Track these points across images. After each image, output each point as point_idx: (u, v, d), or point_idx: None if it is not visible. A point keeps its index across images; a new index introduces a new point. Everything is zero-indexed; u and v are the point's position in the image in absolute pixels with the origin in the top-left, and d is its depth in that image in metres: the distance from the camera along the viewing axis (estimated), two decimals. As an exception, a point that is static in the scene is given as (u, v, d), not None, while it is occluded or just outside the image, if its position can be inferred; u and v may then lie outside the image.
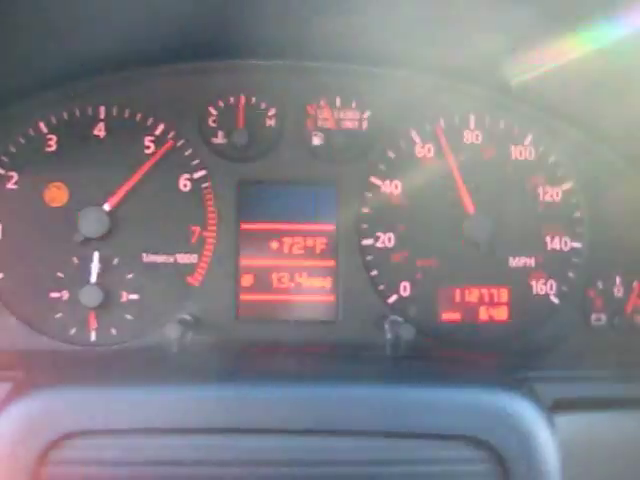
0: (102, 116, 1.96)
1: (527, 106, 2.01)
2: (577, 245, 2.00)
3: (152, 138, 1.96)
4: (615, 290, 1.99)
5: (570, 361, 1.84)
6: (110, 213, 1.91)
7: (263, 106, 2.00)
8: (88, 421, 1.26)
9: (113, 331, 1.91)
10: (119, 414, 1.27)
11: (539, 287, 1.99)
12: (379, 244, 1.97)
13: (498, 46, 1.74)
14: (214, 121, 1.99)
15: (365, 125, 2.01)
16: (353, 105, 2.01)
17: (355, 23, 1.74)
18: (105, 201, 1.92)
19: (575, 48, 1.58)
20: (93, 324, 1.91)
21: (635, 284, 2.00)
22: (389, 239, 1.97)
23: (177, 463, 1.26)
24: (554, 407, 1.40)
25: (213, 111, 1.99)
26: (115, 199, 1.92)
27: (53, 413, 1.26)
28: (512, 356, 1.90)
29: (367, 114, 2.01)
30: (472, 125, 2.02)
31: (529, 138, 2.02)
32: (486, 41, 1.74)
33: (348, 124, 2.01)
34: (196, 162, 1.97)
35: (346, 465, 1.28)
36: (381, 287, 1.96)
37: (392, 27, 1.75)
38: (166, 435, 1.27)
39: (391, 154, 2.00)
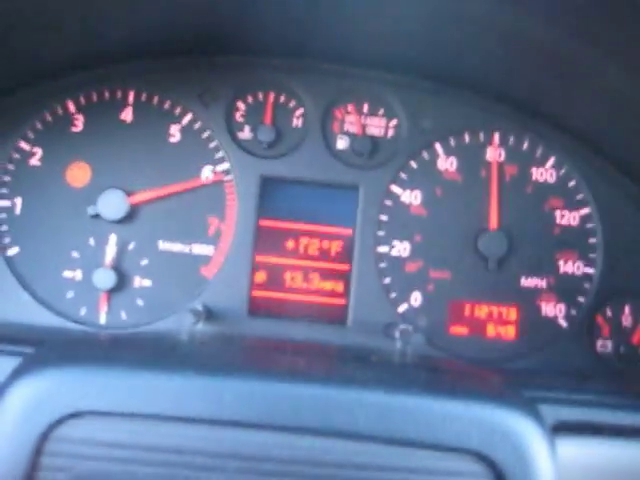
0: (131, 101, 1.98)
1: (551, 129, 2.03)
2: (590, 271, 2.01)
3: (178, 127, 1.97)
4: (623, 319, 2.00)
5: (574, 385, 1.84)
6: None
7: (291, 105, 2.01)
8: (93, 401, 1.26)
9: (123, 315, 1.92)
10: (125, 397, 1.27)
11: (548, 309, 2.00)
12: (394, 252, 1.98)
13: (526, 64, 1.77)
14: (241, 116, 2.00)
15: (390, 133, 2.02)
16: (380, 112, 2.03)
17: (386, 30, 1.76)
18: (132, 194, 1.93)
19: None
20: (104, 307, 1.92)
21: (644, 314, 2.01)
22: (404, 248, 1.98)
23: (178, 451, 1.26)
24: (556, 429, 1.40)
25: (241, 106, 2.00)
26: (143, 196, 1.94)
27: (60, 391, 1.25)
28: (518, 374, 1.90)
29: (393, 122, 2.02)
30: (496, 142, 2.03)
31: (551, 161, 2.03)
32: (515, 58, 1.76)
33: (374, 131, 2.02)
34: (220, 155, 1.98)
35: (343, 468, 1.28)
36: (393, 295, 1.97)
37: (420, 36, 1.77)
38: (169, 422, 1.27)
39: (413, 164, 2.01)
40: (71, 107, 1.96)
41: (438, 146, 2.02)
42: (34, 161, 1.94)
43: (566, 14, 1.46)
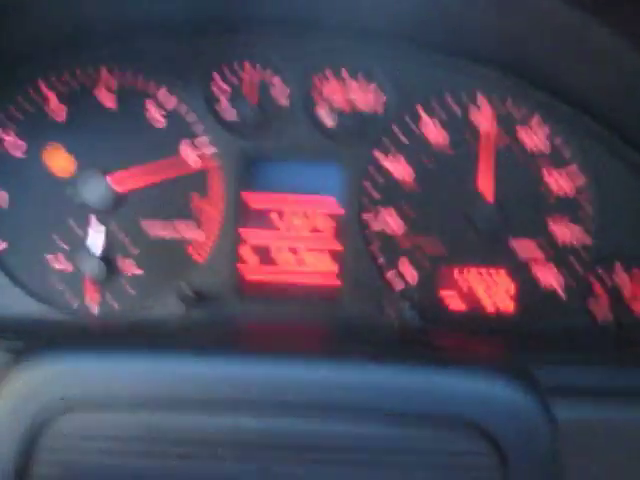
0: (110, 84, 1.94)
1: (542, 95, 1.97)
2: (587, 239, 1.96)
3: (162, 111, 1.94)
4: (622, 284, 1.97)
5: (573, 354, 1.83)
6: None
7: (274, 81, 1.96)
8: (86, 392, 1.26)
9: (115, 304, 1.92)
10: (119, 387, 1.27)
11: (545, 278, 1.97)
12: (387, 230, 1.95)
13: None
14: (221, 91, 1.96)
15: (374, 103, 1.97)
16: (360, 79, 1.97)
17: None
18: (114, 177, 1.92)
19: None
20: (95, 297, 1.91)
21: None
22: (398, 225, 1.95)
23: (175, 439, 1.26)
24: (554, 394, 1.38)
25: (221, 83, 1.96)
26: (125, 176, 1.92)
27: (52, 384, 1.26)
28: (515, 345, 1.88)
29: (373, 88, 1.97)
30: (479, 103, 1.97)
31: (546, 130, 1.97)
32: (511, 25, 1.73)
33: (356, 100, 1.97)
34: (202, 134, 1.94)
35: (342, 447, 1.28)
36: (387, 272, 1.95)
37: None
38: (165, 410, 1.27)
39: (397, 130, 1.97)
40: (51, 96, 1.93)
41: (420, 109, 1.97)
42: (17, 153, 1.92)
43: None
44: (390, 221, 1.96)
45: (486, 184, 1.95)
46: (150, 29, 1.93)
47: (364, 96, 1.98)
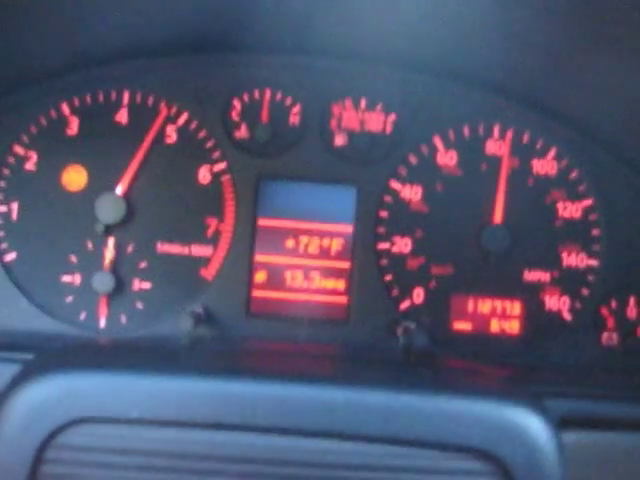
0: (125, 102, 1.95)
1: (551, 120, 2.00)
2: (593, 263, 1.98)
3: (174, 127, 1.95)
4: (628, 311, 1.98)
5: (580, 379, 1.83)
6: (128, 200, 1.90)
7: (288, 102, 1.99)
8: (94, 408, 1.25)
9: (123, 319, 1.91)
10: (126, 403, 1.26)
11: (552, 302, 1.98)
12: (395, 249, 1.96)
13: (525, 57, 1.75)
14: (238, 114, 1.98)
15: (389, 128, 2.00)
16: (378, 107, 2.00)
17: (378, 24, 1.74)
18: (120, 184, 1.91)
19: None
20: (103, 311, 1.90)
21: (650, 306, 1.99)
22: (405, 244, 1.96)
23: (179, 456, 1.25)
24: (562, 424, 1.38)
25: (237, 104, 1.98)
26: (126, 181, 1.92)
27: (60, 398, 1.25)
28: (523, 370, 1.88)
29: (392, 117, 2.00)
30: (496, 135, 2.00)
31: (552, 152, 2.00)
32: (514, 52, 1.74)
33: (372, 126, 2.00)
34: (217, 154, 1.96)
35: (349, 469, 1.27)
36: (395, 292, 1.95)
37: (418, 30, 1.75)
38: (171, 427, 1.26)
39: (413, 159, 1.99)
40: (65, 110, 1.94)
41: (437, 140, 1.99)
42: (29, 165, 1.92)
43: (567, 12, 1.45)
44: (400, 242, 1.97)
45: (499, 213, 1.97)
46: (171, 52, 1.95)
47: (382, 125, 2.00)
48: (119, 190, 1.91)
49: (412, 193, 1.98)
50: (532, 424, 1.28)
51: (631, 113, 1.80)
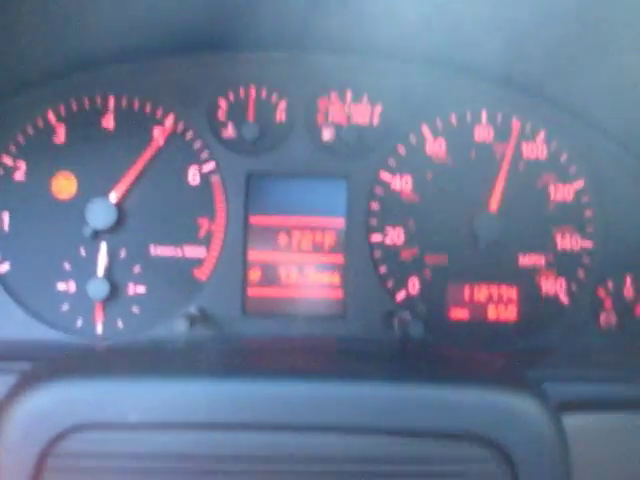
0: (111, 107, 1.95)
1: (539, 103, 2.00)
2: (587, 245, 1.98)
3: (161, 129, 1.95)
4: (625, 291, 1.98)
5: (579, 361, 1.83)
6: (118, 205, 1.90)
7: (273, 99, 1.98)
8: (93, 414, 1.25)
9: (119, 324, 1.91)
10: (125, 408, 1.26)
11: (548, 286, 1.98)
12: (388, 240, 1.96)
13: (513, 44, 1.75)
14: (224, 114, 1.98)
15: (376, 120, 1.99)
16: (364, 99, 2.00)
17: (362, 14, 1.73)
18: (111, 192, 1.91)
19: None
20: (99, 316, 1.90)
21: (646, 285, 1.99)
22: (398, 235, 1.96)
23: (181, 458, 1.25)
24: (562, 407, 1.38)
25: (223, 104, 1.98)
26: (121, 189, 1.91)
27: (59, 406, 1.25)
28: (521, 355, 1.88)
29: (378, 109, 1.99)
30: (484, 121, 2.00)
31: (541, 136, 2.00)
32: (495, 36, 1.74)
33: (359, 119, 1.99)
34: (205, 154, 1.95)
35: (351, 463, 1.27)
36: (389, 283, 1.95)
37: (401, 19, 1.74)
38: (171, 430, 1.26)
39: (402, 149, 1.98)
40: (52, 118, 1.94)
41: (425, 129, 1.99)
42: (19, 175, 1.92)
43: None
44: (393, 233, 1.96)
45: (490, 199, 1.97)
46: (154, 54, 1.95)
47: (369, 117, 2.00)
48: (113, 197, 1.91)
49: (403, 183, 1.97)
50: (532, 409, 1.28)
51: (621, 95, 1.80)
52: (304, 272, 1.95)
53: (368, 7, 1.68)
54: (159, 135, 1.95)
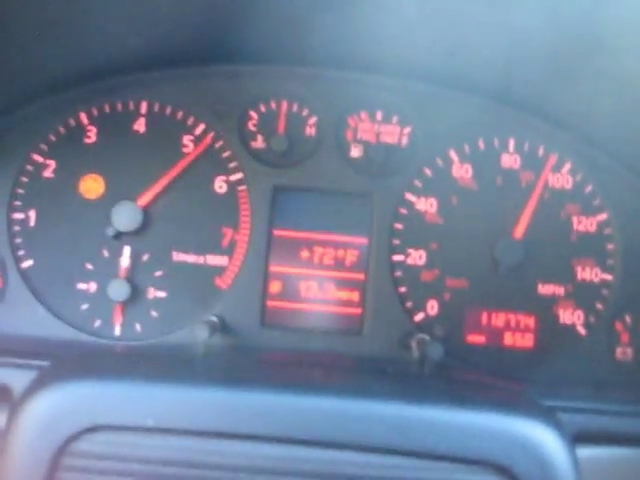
0: (143, 111, 1.97)
1: (567, 134, 2.01)
2: (607, 277, 1.98)
3: (191, 137, 1.97)
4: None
5: (594, 393, 1.82)
6: (144, 209, 1.91)
7: (304, 114, 2.00)
8: (110, 415, 1.26)
9: (138, 327, 1.91)
10: (141, 411, 1.26)
11: (566, 317, 1.97)
12: (410, 261, 1.96)
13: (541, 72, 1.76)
14: (254, 125, 1.99)
15: (404, 141, 2.01)
16: (394, 120, 2.01)
17: (397, 38, 1.75)
18: (139, 197, 1.92)
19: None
20: (118, 318, 1.91)
21: (663, 321, 1.98)
22: (420, 257, 1.96)
23: (193, 465, 1.25)
24: (577, 439, 1.38)
25: (254, 115, 2.00)
26: (150, 195, 1.93)
27: (76, 405, 1.25)
28: (537, 384, 1.87)
29: (407, 130, 2.01)
30: (511, 149, 2.01)
31: (567, 166, 2.01)
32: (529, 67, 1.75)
33: (387, 138, 2.01)
34: (233, 165, 1.97)
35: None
36: (408, 304, 1.95)
37: (438, 46, 1.76)
38: (185, 436, 1.26)
39: (428, 172, 1.99)
40: (84, 119, 1.96)
41: (452, 153, 2.00)
42: (48, 173, 1.94)
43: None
44: (415, 254, 1.97)
45: (516, 226, 1.97)
46: (188, 63, 1.97)
47: (398, 138, 2.02)
48: (141, 201, 1.92)
49: (427, 205, 1.98)
50: (547, 438, 1.28)
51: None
52: (324, 287, 1.96)
53: (397, 30, 1.70)
54: (188, 143, 1.97)
